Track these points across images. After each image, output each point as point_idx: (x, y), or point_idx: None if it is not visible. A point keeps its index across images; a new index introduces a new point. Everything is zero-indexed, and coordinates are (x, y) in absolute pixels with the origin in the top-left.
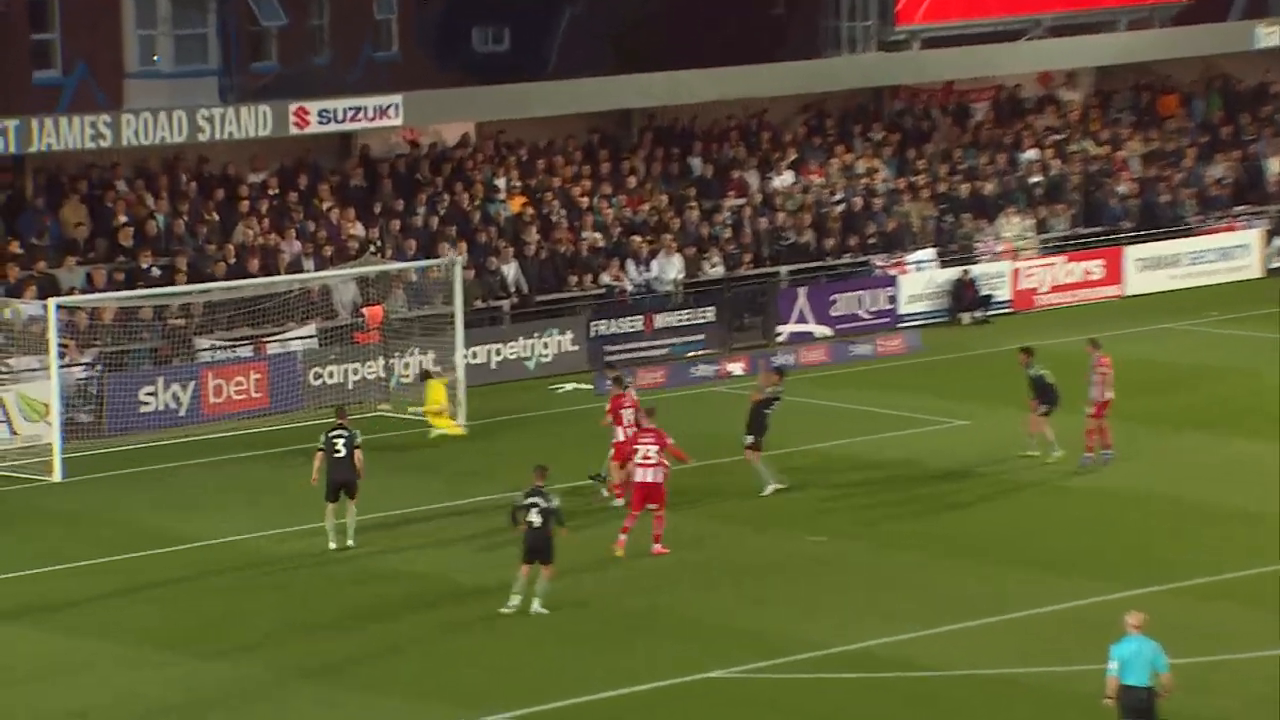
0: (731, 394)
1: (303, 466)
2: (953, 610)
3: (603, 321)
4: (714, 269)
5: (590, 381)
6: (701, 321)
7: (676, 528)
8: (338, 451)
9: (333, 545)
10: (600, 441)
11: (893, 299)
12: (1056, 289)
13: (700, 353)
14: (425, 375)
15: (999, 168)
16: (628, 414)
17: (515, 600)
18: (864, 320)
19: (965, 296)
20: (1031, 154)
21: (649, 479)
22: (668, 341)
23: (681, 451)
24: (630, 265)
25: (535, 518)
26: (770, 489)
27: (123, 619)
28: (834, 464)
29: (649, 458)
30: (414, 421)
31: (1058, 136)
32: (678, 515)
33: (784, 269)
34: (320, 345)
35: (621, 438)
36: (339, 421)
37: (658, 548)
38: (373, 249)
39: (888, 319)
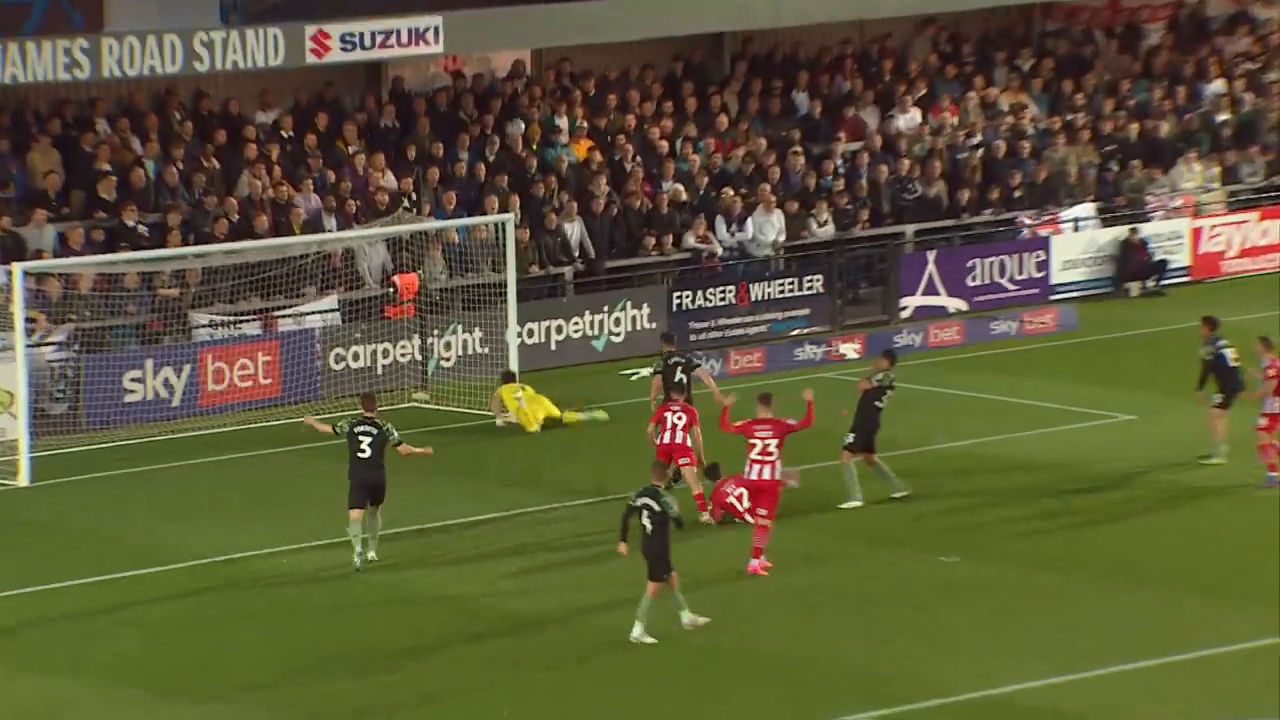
0: (843, 380)
1: (322, 468)
2: (1111, 648)
3: (686, 293)
4: (823, 229)
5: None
6: (807, 293)
7: (779, 544)
8: (362, 451)
9: (358, 562)
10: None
11: (1043, 265)
12: (1248, 252)
13: (805, 331)
14: (507, 378)
15: (1177, 103)
16: (674, 418)
17: (638, 630)
18: (1007, 291)
19: (1133, 262)
20: (1218, 86)
21: (764, 476)
22: (766, 317)
23: (808, 416)
24: (720, 224)
25: (647, 523)
26: (853, 503)
27: (100, 654)
28: (968, 467)
29: (768, 453)
30: (453, 415)
31: (1251, 65)
32: (778, 528)
33: (909, 229)
34: (343, 321)
35: (666, 438)
36: (366, 414)
37: (756, 564)
38: (406, 204)
39: (1037, 290)
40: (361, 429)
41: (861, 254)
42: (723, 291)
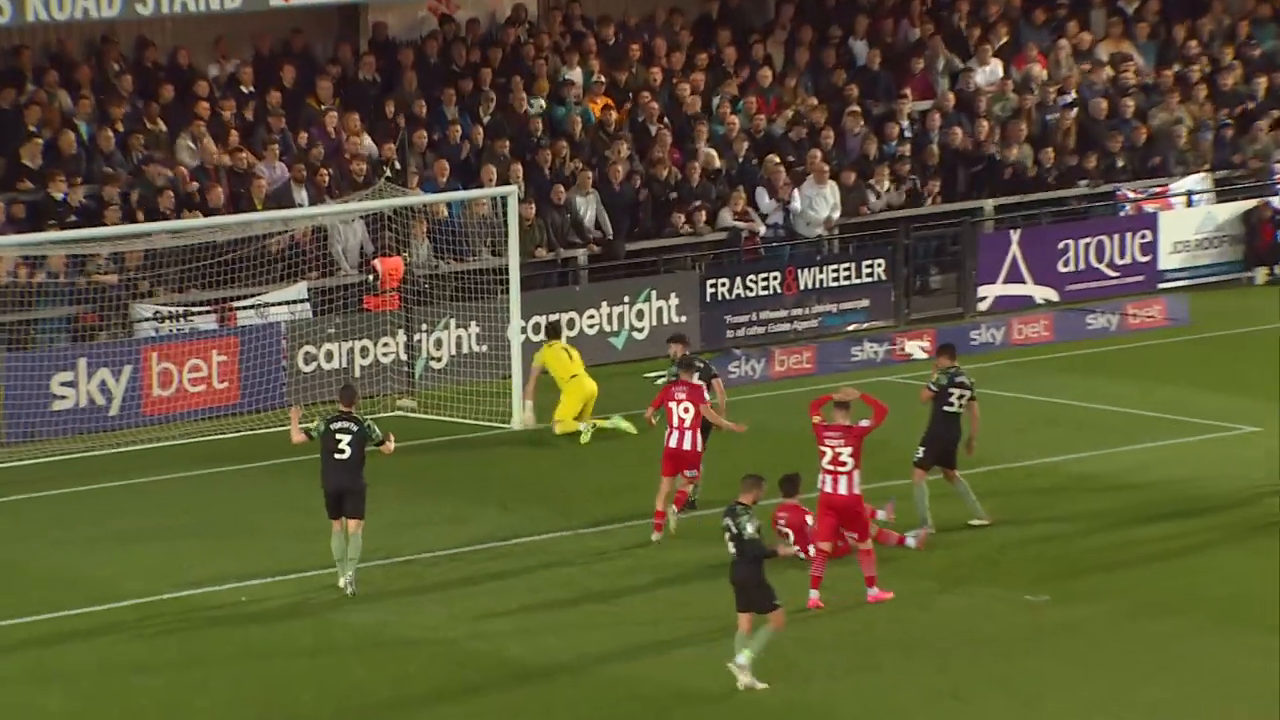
0: (909, 385)
1: (289, 488)
2: (1232, 705)
3: (722, 280)
4: (885, 204)
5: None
6: (866, 281)
7: (833, 581)
8: (340, 452)
9: (344, 585)
10: (726, 455)
11: (1149, 247)
12: None
13: (865, 326)
14: (553, 331)
15: None
16: (680, 409)
17: (742, 660)
18: (1106, 279)
19: (1261, 243)
20: None
21: (839, 490)
22: (817, 310)
23: (879, 408)
24: (763, 198)
25: (730, 546)
26: (919, 534)
27: (26, 712)
28: (1057, 487)
29: (842, 463)
30: (445, 426)
31: None
32: (835, 564)
33: (989, 203)
34: (314, 314)
35: (674, 441)
36: (344, 409)
37: (877, 593)
38: (389, 174)
39: (1141, 277)
40: (339, 425)
41: (931, 234)
42: (766, 279)
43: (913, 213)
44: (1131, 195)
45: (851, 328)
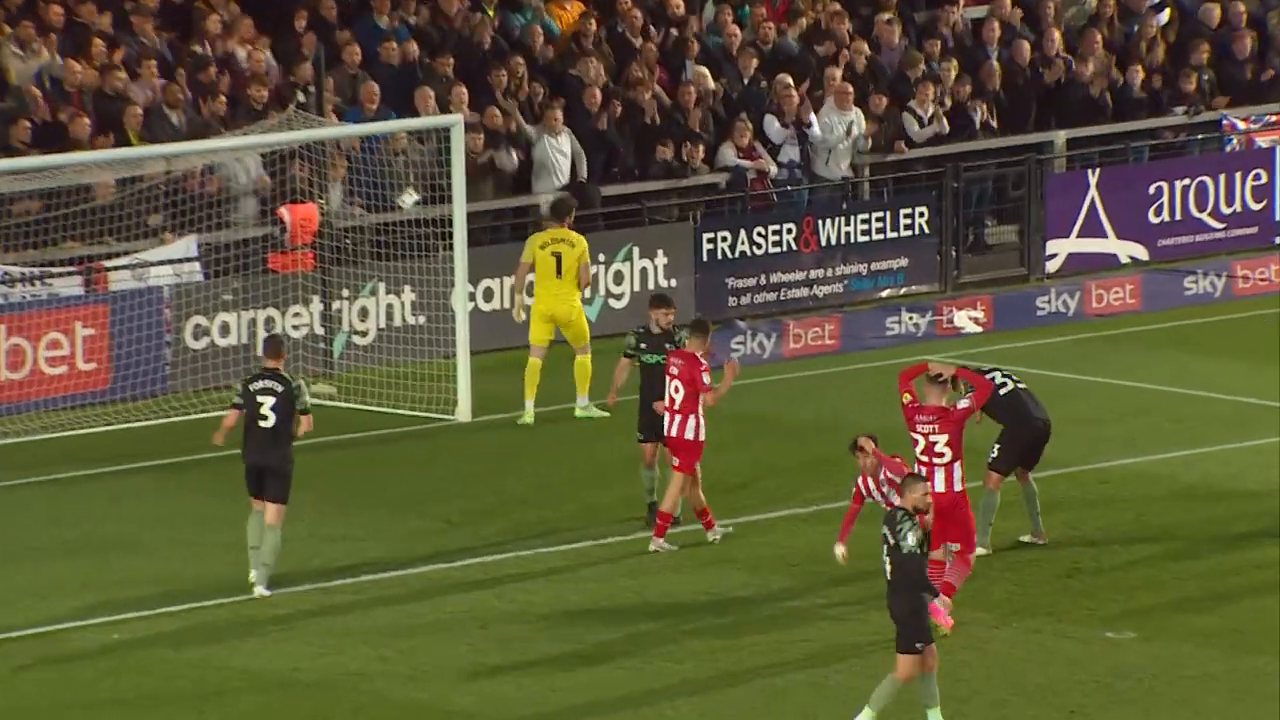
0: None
1: (175, 497)
2: None
3: (722, 234)
4: (929, 135)
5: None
6: (905, 235)
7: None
8: (263, 418)
9: (253, 576)
10: (727, 453)
11: (1264, 191)
12: None
13: (903, 292)
14: (558, 211)
15: None
16: (671, 387)
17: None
18: (1209, 231)
19: None
20: None
21: (939, 487)
22: (843, 271)
23: (981, 384)
24: (773, 126)
25: (886, 564)
26: (978, 551)
27: None
28: (1141, 495)
29: (939, 453)
30: (373, 417)
31: None
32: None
33: (1060, 136)
34: (207, 276)
35: (694, 433)
36: (269, 365)
37: (944, 616)
38: (300, 99)
39: (1254, 229)
40: (261, 386)
41: (987, 174)
42: (778, 232)
43: (964, 148)
44: (1241, 125)
45: (886, 294)
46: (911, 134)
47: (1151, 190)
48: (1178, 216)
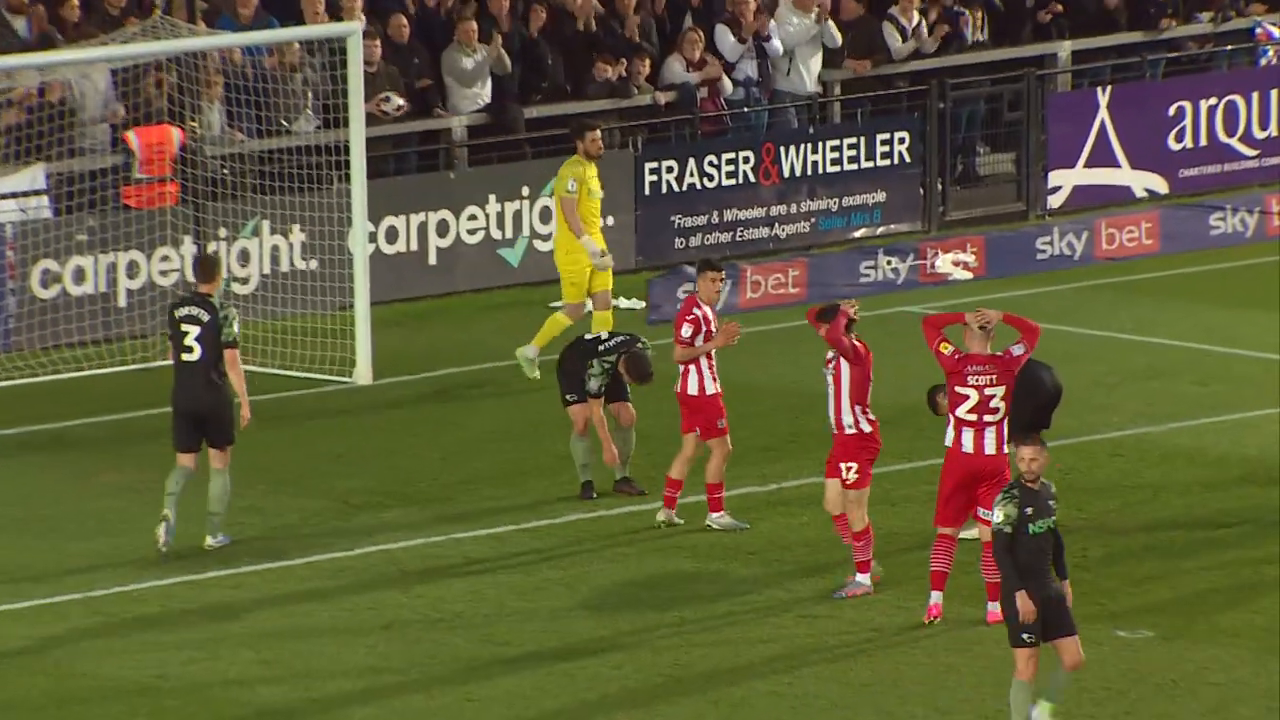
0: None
1: (25, 470)
2: None
3: (667, 164)
4: (911, 47)
5: (644, 294)
6: (883, 165)
7: (843, 603)
8: (187, 350)
9: (162, 537)
10: (666, 420)
11: None
12: None
13: (880, 232)
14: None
15: None
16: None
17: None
18: (1240, 159)
19: None
20: None
21: (990, 450)
22: (810, 208)
23: (1028, 328)
24: (726, 40)
25: (1023, 545)
26: (971, 531)
27: None
28: (1165, 474)
29: (994, 409)
30: (256, 379)
31: None
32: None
33: (1064, 47)
34: (57, 213)
35: (698, 387)
36: (199, 290)
37: (992, 610)
38: (163, 5)
39: None
40: (186, 313)
41: (979, 94)
42: (732, 161)
43: (952, 62)
44: (1278, 34)
45: (860, 233)
46: (892, 48)
47: (1171, 111)
48: (1202, 142)
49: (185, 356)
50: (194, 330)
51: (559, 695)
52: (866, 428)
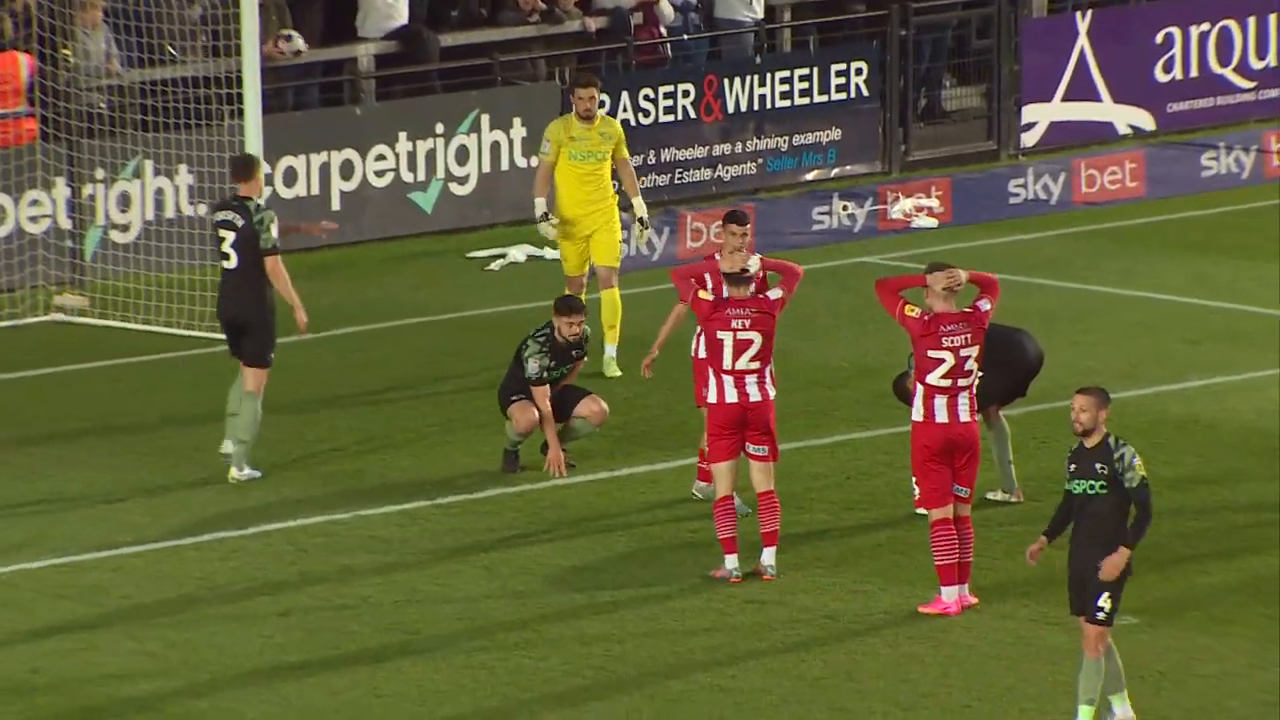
0: (904, 267)
1: None
2: None
3: (600, 97)
4: None
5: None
6: (838, 99)
7: (786, 586)
8: (225, 258)
9: (227, 447)
10: (632, 377)
11: None
12: None
13: (834, 173)
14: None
15: None
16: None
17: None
18: (1235, 92)
19: None
20: None
21: (964, 417)
22: (757, 147)
23: (988, 281)
24: None
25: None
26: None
27: None
28: (1154, 442)
29: (968, 371)
30: (138, 339)
31: None
32: (787, 559)
33: None
34: None
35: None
36: (238, 192)
37: (966, 597)
38: None
39: None
40: (222, 218)
41: (945, 19)
42: (670, 95)
43: None
44: None
45: (813, 176)
46: None
47: (1159, 39)
48: (1193, 74)
49: (223, 264)
50: (230, 236)
51: (477, 690)
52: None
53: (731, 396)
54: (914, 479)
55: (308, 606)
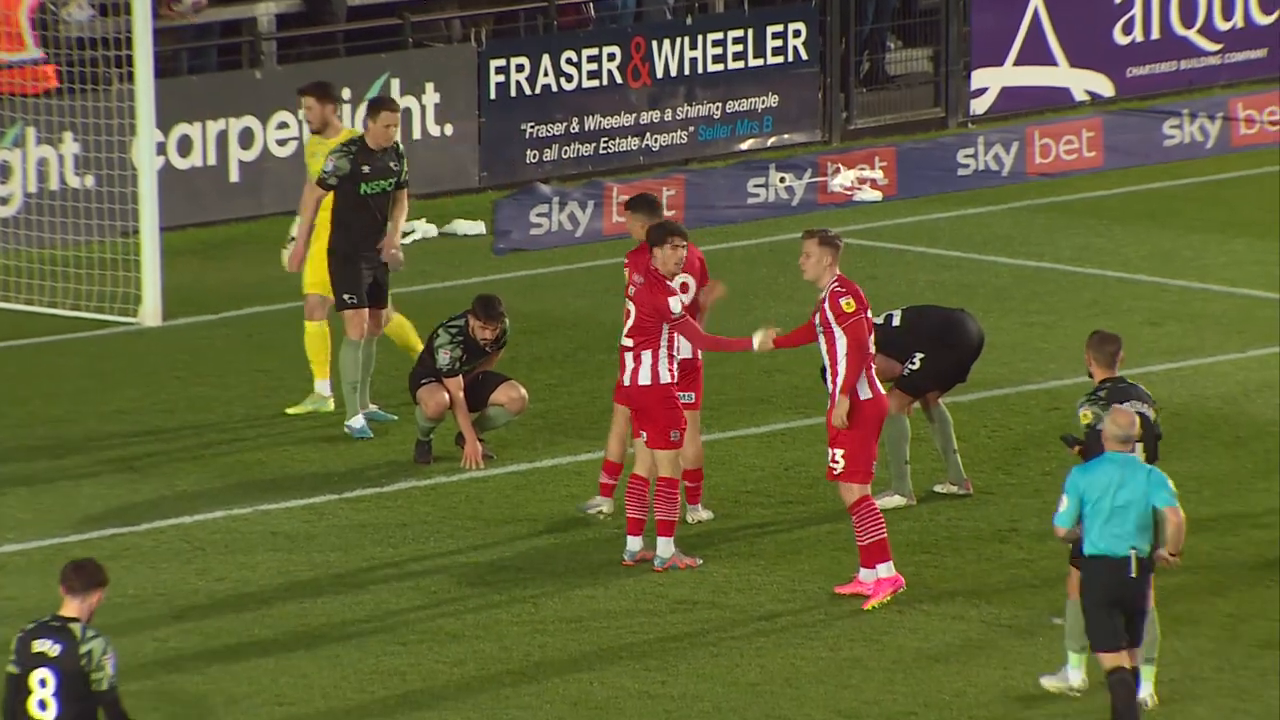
0: (860, 247)
1: None
2: None
3: (519, 60)
4: None
5: (489, 217)
6: (774, 64)
7: (710, 578)
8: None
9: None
10: (555, 359)
11: None
12: None
13: (770, 142)
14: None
15: None
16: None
17: None
18: (1200, 55)
19: None
20: None
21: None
22: (688, 115)
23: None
24: None
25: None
26: (894, 500)
27: None
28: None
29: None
30: (21, 320)
31: None
32: (715, 564)
33: None
34: None
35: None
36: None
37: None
38: None
39: (1263, 50)
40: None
41: None
42: (594, 59)
43: None
44: None
45: (748, 145)
46: None
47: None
48: (1154, 35)
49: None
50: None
51: (387, 698)
52: None
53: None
54: (843, 453)
55: (205, 607)
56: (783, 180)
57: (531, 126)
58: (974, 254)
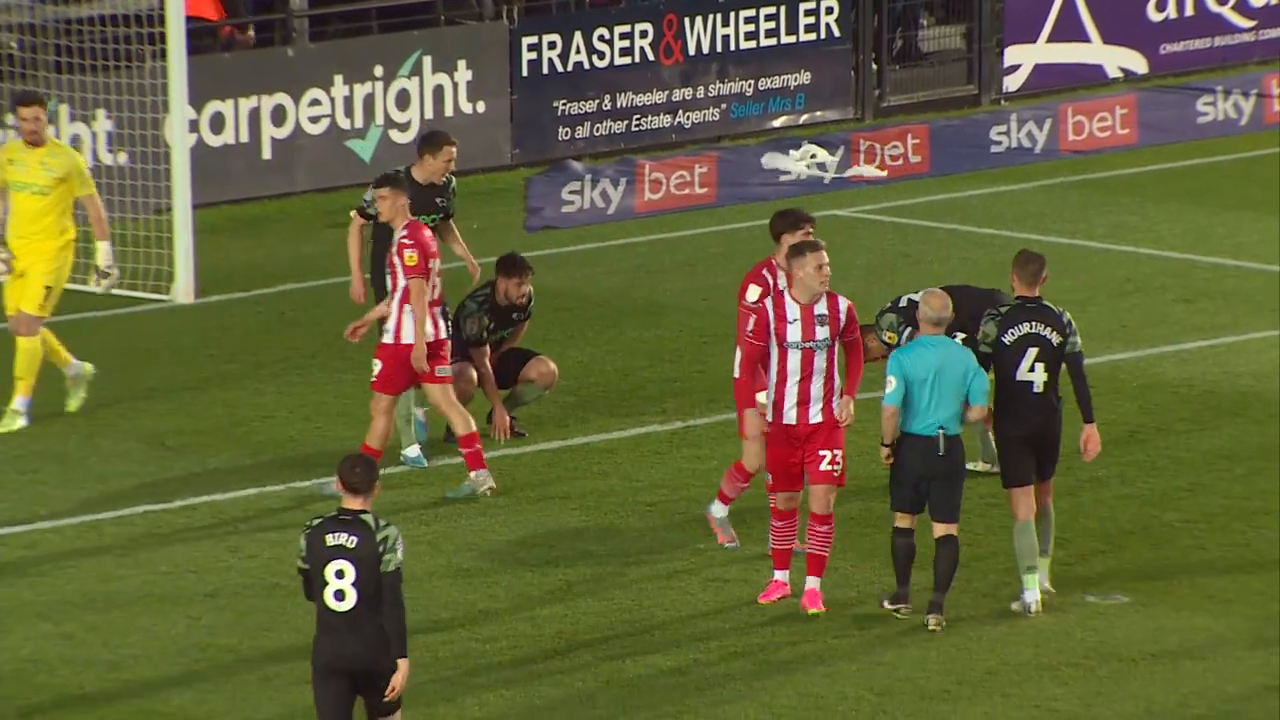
0: (866, 222)
1: None
2: None
3: (550, 38)
4: None
5: (521, 194)
6: (807, 40)
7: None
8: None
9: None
10: (583, 337)
11: None
12: None
13: (802, 120)
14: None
15: None
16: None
17: None
18: (1234, 32)
19: None
20: None
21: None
22: (720, 92)
23: None
24: None
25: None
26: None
27: None
28: (1143, 404)
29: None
30: (81, 299)
31: None
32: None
33: None
34: None
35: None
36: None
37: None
38: None
39: None
40: None
41: None
42: (627, 36)
43: None
44: None
45: (780, 123)
46: None
47: None
48: (1188, 12)
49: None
50: None
51: (420, 674)
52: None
53: None
54: (842, 455)
55: (237, 586)
56: (813, 156)
57: (563, 104)
58: (1006, 231)
